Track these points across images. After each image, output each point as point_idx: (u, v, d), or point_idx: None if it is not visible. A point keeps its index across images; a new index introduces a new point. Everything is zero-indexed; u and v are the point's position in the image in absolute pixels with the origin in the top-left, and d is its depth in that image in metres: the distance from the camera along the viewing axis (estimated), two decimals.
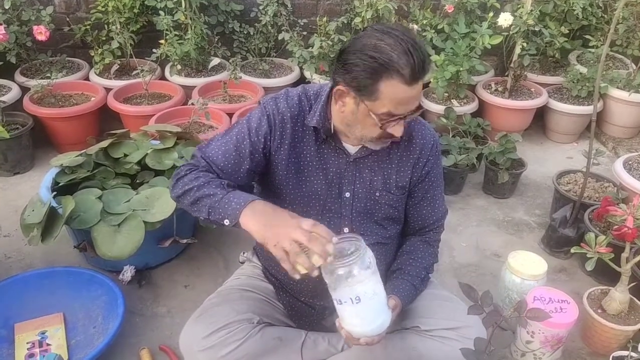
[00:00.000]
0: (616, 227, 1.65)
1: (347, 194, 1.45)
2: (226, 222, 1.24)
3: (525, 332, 1.66)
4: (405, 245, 1.57)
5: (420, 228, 1.57)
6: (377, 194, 1.45)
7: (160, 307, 1.89)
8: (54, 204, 1.81)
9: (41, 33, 2.68)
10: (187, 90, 2.86)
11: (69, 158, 2.06)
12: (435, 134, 1.51)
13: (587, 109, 2.90)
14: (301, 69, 3.05)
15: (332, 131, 1.39)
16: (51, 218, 1.78)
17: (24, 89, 2.76)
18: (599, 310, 1.72)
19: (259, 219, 1.22)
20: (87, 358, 1.54)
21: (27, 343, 1.68)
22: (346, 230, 1.46)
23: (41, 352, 1.65)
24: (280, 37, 2.86)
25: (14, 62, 2.79)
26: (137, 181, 2.07)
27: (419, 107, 1.30)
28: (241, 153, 1.40)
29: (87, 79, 2.96)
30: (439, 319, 1.48)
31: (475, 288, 1.12)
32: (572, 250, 1.70)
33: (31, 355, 1.65)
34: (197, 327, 1.46)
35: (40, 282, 1.80)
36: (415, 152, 1.45)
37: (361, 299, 1.21)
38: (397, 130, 1.29)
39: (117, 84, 2.88)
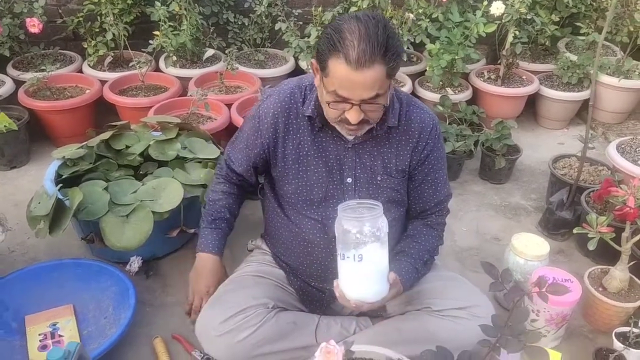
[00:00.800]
0: (618, 207, 1.71)
1: (349, 180, 1.48)
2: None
3: (530, 310, 1.70)
4: (409, 229, 1.61)
5: (422, 211, 1.60)
6: (379, 177, 1.49)
7: (169, 297, 1.90)
8: (60, 196, 1.80)
9: (34, 25, 2.65)
10: (183, 81, 2.85)
11: (71, 150, 2.04)
12: (434, 117, 1.53)
13: (577, 95, 2.96)
14: (296, 59, 3.05)
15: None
16: (58, 210, 1.78)
17: (18, 83, 2.72)
18: (600, 289, 1.78)
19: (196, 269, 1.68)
20: (102, 348, 1.55)
21: (39, 335, 1.68)
22: None
23: (54, 343, 1.65)
24: (276, 28, 2.86)
25: (7, 55, 2.75)
26: (141, 172, 2.07)
27: (375, 98, 1.27)
28: (249, 154, 1.55)
29: (80, 71, 2.93)
30: (449, 299, 1.53)
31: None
32: (574, 231, 1.75)
33: (44, 346, 1.65)
34: (214, 313, 1.48)
35: (49, 274, 1.80)
36: (414, 136, 1.48)
37: (363, 259, 1.25)
38: (351, 115, 1.30)
39: (111, 76, 2.86)
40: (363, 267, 1.26)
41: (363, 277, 1.29)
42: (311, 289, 1.61)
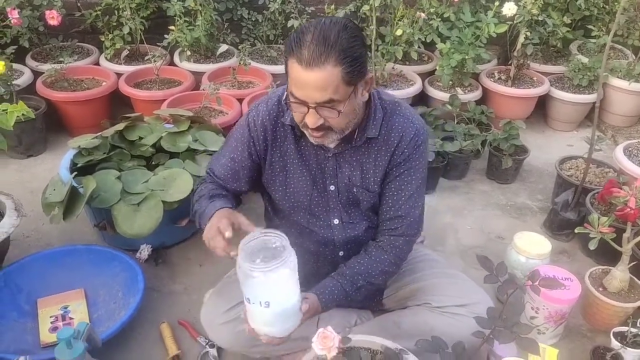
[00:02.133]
0: (619, 207, 1.73)
1: (332, 187, 1.48)
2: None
3: (529, 308, 1.73)
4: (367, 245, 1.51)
5: (380, 223, 1.50)
6: (355, 189, 1.47)
7: (176, 285, 1.96)
8: (75, 184, 1.86)
9: (53, 18, 2.71)
10: (197, 76, 2.91)
11: (86, 140, 2.11)
12: (420, 127, 1.43)
13: (587, 98, 2.96)
14: None
15: None
16: (72, 197, 1.84)
17: (36, 73, 2.80)
18: (600, 289, 1.80)
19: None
20: (110, 331, 1.60)
21: (50, 317, 1.74)
22: (336, 222, 1.51)
23: (64, 325, 1.71)
24: (289, 25, 2.90)
25: (27, 47, 2.82)
26: (153, 163, 2.12)
27: (331, 103, 1.24)
28: (235, 164, 1.50)
29: (97, 64, 3.00)
30: (449, 296, 1.54)
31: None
32: (576, 231, 1.77)
33: (55, 328, 1.71)
34: (218, 302, 1.53)
35: (62, 259, 1.86)
36: (392, 144, 1.42)
37: (270, 304, 1.17)
38: (309, 119, 1.27)
39: (127, 69, 2.92)
40: (272, 310, 1.19)
41: (271, 318, 1.22)
42: (308, 284, 1.65)
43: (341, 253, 1.54)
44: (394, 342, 1.34)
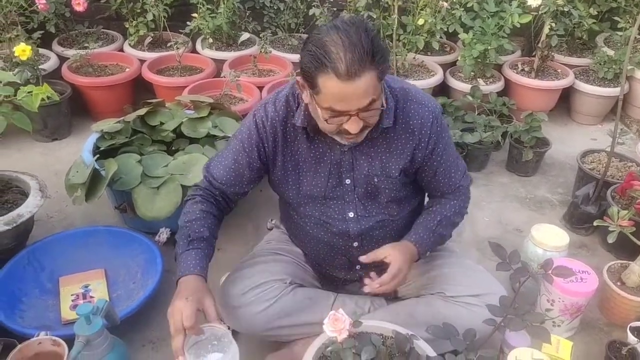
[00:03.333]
0: (639, 201, 1.70)
1: (348, 181, 1.48)
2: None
3: (545, 300, 1.72)
4: (433, 204, 1.60)
5: (442, 195, 1.59)
6: (376, 179, 1.47)
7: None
8: (97, 167, 1.90)
9: (79, 4, 2.76)
10: (218, 63, 2.93)
11: (109, 124, 2.15)
12: (434, 108, 1.45)
13: (612, 91, 2.91)
14: None
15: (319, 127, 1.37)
16: (94, 179, 1.88)
17: (62, 59, 2.86)
18: (618, 283, 1.78)
19: (177, 295, 1.31)
20: (129, 309, 1.64)
21: (72, 295, 1.79)
22: (351, 215, 1.50)
23: (85, 303, 1.75)
24: (310, 13, 2.90)
25: (53, 32, 2.88)
26: (173, 148, 2.16)
27: (371, 104, 1.25)
28: (240, 165, 1.49)
29: (121, 50, 3.05)
30: (463, 285, 1.54)
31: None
32: (595, 224, 1.75)
33: (75, 306, 1.75)
34: (234, 286, 1.55)
35: (84, 239, 1.91)
36: (414, 134, 1.43)
37: None
38: (351, 126, 1.26)
39: (150, 55, 2.96)
40: None
41: None
42: (324, 271, 1.67)
43: (355, 244, 1.55)
44: (406, 329, 1.35)
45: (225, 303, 1.55)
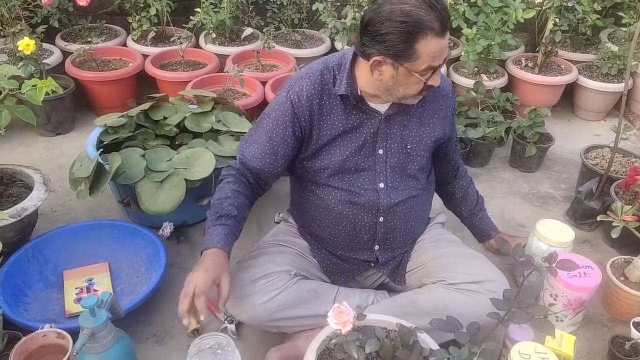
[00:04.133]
0: None
1: (380, 151, 1.52)
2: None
3: (548, 294, 1.72)
4: (456, 193, 1.82)
5: (453, 169, 1.76)
6: (409, 146, 1.53)
7: (197, 262, 1.99)
8: (101, 161, 1.91)
9: None
10: (221, 58, 2.93)
11: (112, 119, 2.15)
12: (445, 76, 1.62)
13: (616, 87, 2.90)
14: (332, 40, 3.09)
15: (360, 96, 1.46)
16: (98, 173, 1.88)
17: (65, 53, 2.86)
18: (622, 278, 1.78)
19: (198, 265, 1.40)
20: (133, 303, 1.65)
21: (76, 288, 1.80)
22: (382, 185, 1.54)
23: (89, 295, 1.76)
24: (314, 8, 2.90)
25: (57, 27, 2.88)
26: (177, 142, 2.16)
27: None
28: (274, 143, 1.51)
29: (124, 45, 3.05)
30: (464, 273, 1.56)
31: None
32: (598, 219, 1.75)
33: (79, 299, 1.75)
34: (239, 276, 1.55)
35: (88, 233, 1.91)
36: (446, 103, 1.57)
37: None
38: (435, 80, 1.38)
39: (153, 50, 2.96)
40: None
41: None
42: (336, 259, 1.67)
43: (381, 219, 1.57)
44: (410, 321, 1.35)
45: (229, 293, 1.56)
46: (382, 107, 1.49)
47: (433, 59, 1.32)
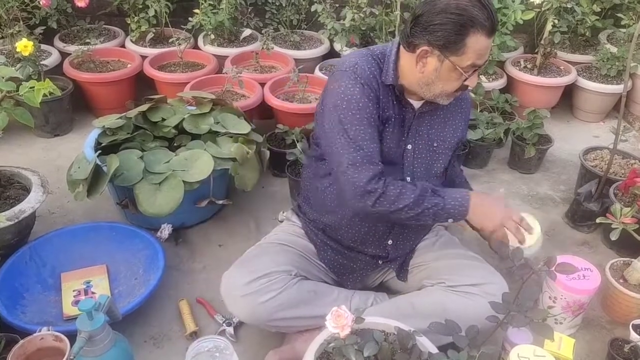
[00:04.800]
0: None
1: (409, 147, 1.54)
2: (450, 220, 1.50)
3: (547, 297, 1.72)
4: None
5: (451, 181, 1.75)
6: (435, 144, 1.57)
7: (195, 264, 1.99)
8: (98, 162, 1.90)
9: (81, 0, 2.75)
10: (220, 59, 2.92)
11: (111, 120, 2.14)
12: None
13: (615, 88, 2.90)
14: (331, 41, 3.08)
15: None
16: (96, 175, 1.88)
17: (63, 54, 2.85)
18: (621, 280, 1.78)
19: (478, 213, 1.49)
20: (131, 306, 1.64)
21: (73, 291, 1.79)
22: (408, 179, 1.55)
23: (87, 298, 1.75)
24: (312, 9, 2.89)
25: (55, 28, 2.87)
26: (175, 144, 2.15)
27: None
28: (376, 130, 1.47)
29: (122, 46, 3.04)
30: (464, 275, 1.56)
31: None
32: (597, 221, 1.74)
33: (77, 301, 1.75)
34: (239, 274, 1.55)
35: (86, 235, 1.91)
36: (461, 106, 1.61)
37: None
38: (472, 81, 1.41)
39: (151, 51, 2.95)
40: None
41: None
42: (342, 259, 1.66)
43: None
44: (409, 323, 1.35)
45: (228, 291, 1.55)
46: (417, 103, 1.52)
47: (478, 56, 1.35)
